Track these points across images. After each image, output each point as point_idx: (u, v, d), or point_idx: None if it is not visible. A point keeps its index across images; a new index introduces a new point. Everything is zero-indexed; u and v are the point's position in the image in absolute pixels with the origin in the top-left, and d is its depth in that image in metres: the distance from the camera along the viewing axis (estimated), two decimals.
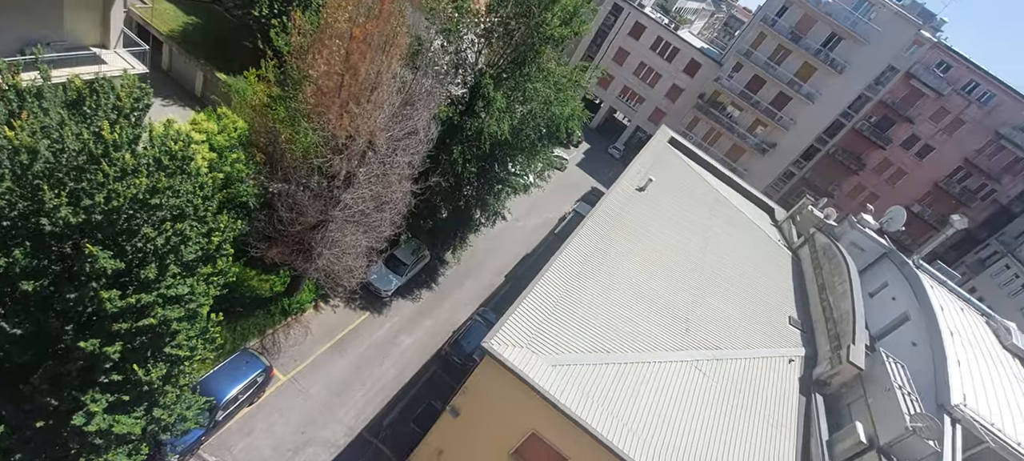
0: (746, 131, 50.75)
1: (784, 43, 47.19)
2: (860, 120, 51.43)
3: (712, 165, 33.69)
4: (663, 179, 26.95)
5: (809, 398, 18.71)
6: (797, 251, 28.38)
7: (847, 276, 23.12)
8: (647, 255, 21.29)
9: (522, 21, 20.30)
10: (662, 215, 24.57)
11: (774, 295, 23.76)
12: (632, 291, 19.00)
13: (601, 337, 16.43)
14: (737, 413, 16.71)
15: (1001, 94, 47.60)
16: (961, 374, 19.17)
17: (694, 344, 18.15)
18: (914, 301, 23.27)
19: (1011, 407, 19.16)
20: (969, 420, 17.81)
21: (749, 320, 20.86)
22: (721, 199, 29.71)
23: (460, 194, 23.21)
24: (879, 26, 44.03)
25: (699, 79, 51.74)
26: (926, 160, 51.03)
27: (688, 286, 20.83)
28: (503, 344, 14.12)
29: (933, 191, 51.29)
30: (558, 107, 22.43)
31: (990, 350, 21.97)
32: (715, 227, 26.60)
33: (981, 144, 49.02)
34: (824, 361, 20.11)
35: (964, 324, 22.53)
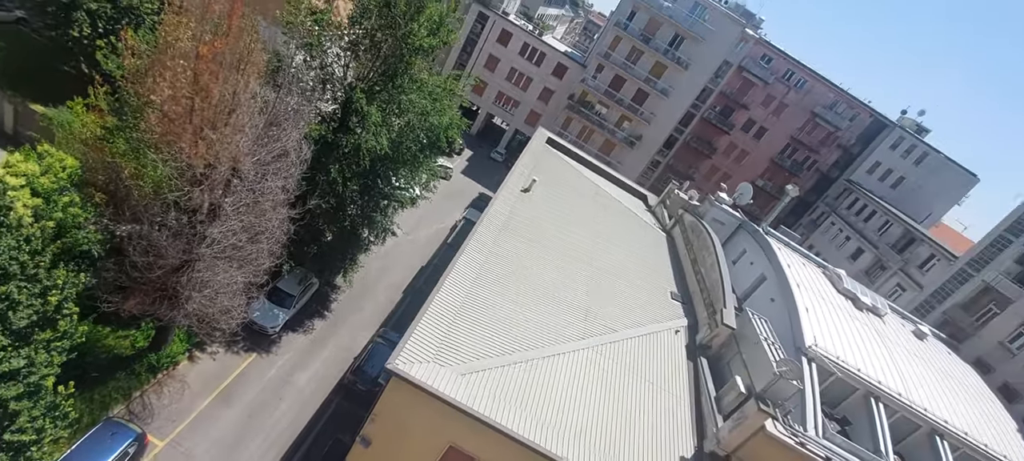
0: (614, 126, 54.96)
1: (637, 44, 52.00)
2: (707, 110, 58.39)
3: (589, 160, 36.03)
4: (546, 178, 28.24)
5: (695, 362, 20.79)
6: (670, 232, 31.37)
7: (713, 249, 26.09)
8: (540, 252, 22.17)
9: (388, 33, 20.09)
10: (549, 213, 25.74)
11: (656, 274, 26.03)
12: (530, 289, 19.65)
13: (506, 338, 16.77)
14: (637, 387, 18.04)
15: (812, 80, 56.98)
16: (810, 320, 22.57)
17: (593, 331, 19.25)
18: (767, 263, 26.92)
19: (850, 341, 22.94)
20: (820, 357, 21.04)
21: (637, 300, 22.62)
22: (600, 191, 31.89)
23: (344, 214, 22.25)
24: (712, 26, 50.41)
25: (567, 81, 55.01)
26: (762, 140, 59.36)
27: (581, 277, 22.05)
28: (409, 362, 13.82)
29: (771, 166, 59.81)
30: (436, 117, 22.52)
31: (828, 296, 26.10)
32: (598, 218, 28.48)
33: (802, 123, 58.23)
34: (704, 327, 22.47)
35: (807, 277, 26.52)
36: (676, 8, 50.37)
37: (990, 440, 22.07)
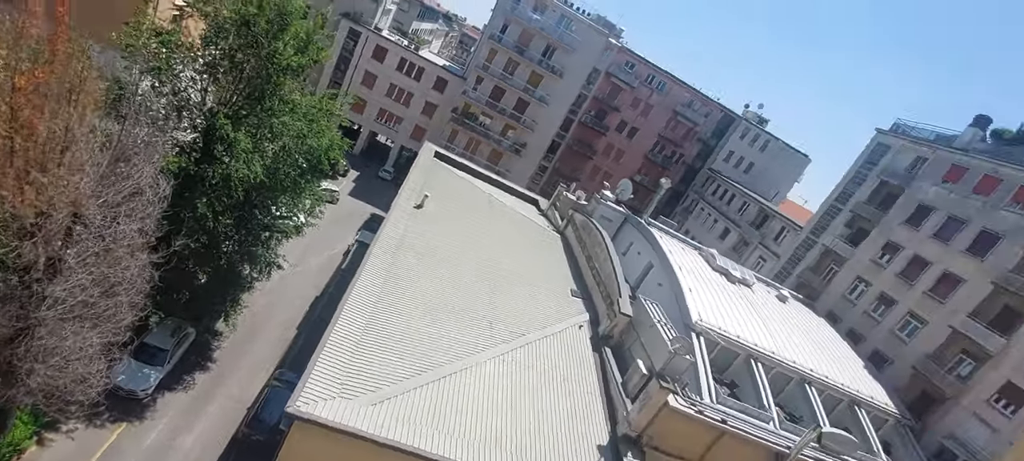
0: (500, 136, 56.37)
1: (513, 56, 54.00)
2: (584, 114, 62.18)
3: (479, 171, 36.56)
4: (438, 193, 28.15)
5: (600, 353, 21.92)
6: (563, 232, 32.82)
7: (604, 244, 27.78)
8: (439, 267, 22.00)
9: (250, 53, 18.79)
10: (444, 226, 25.67)
11: (555, 274, 27.06)
12: (433, 305, 19.42)
13: (414, 358, 16.38)
14: (550, 385, 18.58)
15: (670, 82, 63.16)
16: (693, 298, 24.87)
17: (500, 338, 19.49)
18: (652, 251, 29.24)
19: (728, 313, 25.63)
20: (706, 331, 23.25)
21: (540, 302, 23.34)
22: (493, 200, 32.49)
23: (219, 252, 20.24)
24: (579, 36, 53.96)
25: (449, 94, 55.40)
26: (635, 139, 64.51)
27: (483, 286, 22.24)
28: (311, 401, 12.94)
29: (645, 162, 65.13)
30: (314, 139, 21.43)
31: (706, 274, 28.97)
32: (493, 226, 28.97)
33: (666, 121, 64.21)
34: (604, 318, 23.78)
35: (687, 260, 29.22)
36: (545, 20, 53.18)
37: (846, 380, 25.93)
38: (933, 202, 33.68)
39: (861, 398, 25.36)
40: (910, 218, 34.52)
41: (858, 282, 35.86)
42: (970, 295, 29.13)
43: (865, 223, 37.49)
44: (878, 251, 35.45)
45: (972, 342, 27.87)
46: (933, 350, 29.46)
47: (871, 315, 33.86)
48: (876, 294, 34.14)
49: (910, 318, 31.60)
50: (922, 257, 32.51)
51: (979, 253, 29.77)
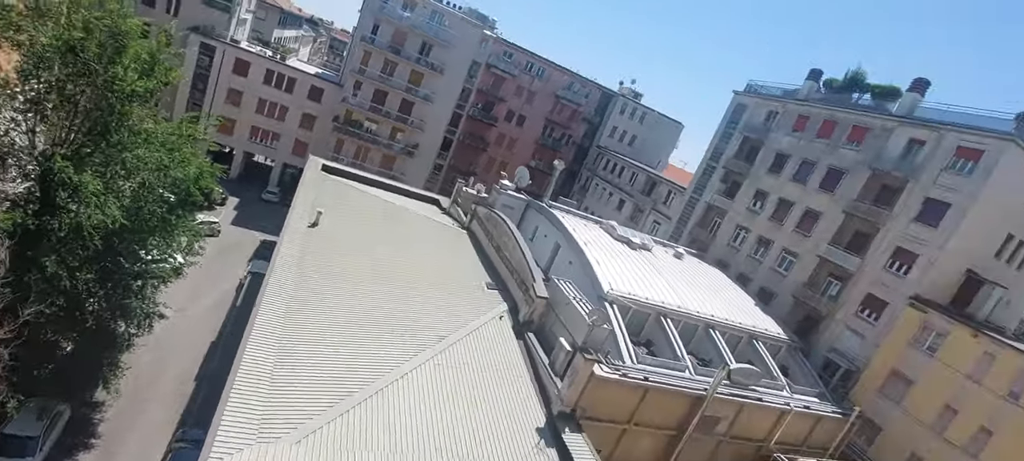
0: (389, 140, 54.86)
1: (389, 57, 52.69)
2: (471, 108, 62.47)
3: (373, 179, 35.36)
4: (332, 207, 26.82)
5: (524, 339, 22.32)
6: (469, 227, 32.83)
7: (511, 233, 28.24)
8: (346, 284, 21.02)
9: (83, 82, 16.53)
10: (345, 241, 24.55)
11: (467, 271, 27.03)
12: (347, 324, 18.54)
13: (335, 384, 15.54)
14: (481, 380, 18.60)
15: (549, 68, 65.42)
16: (602, 270, 26.15)
17: (422, 345, 19.11)
18: (558, 232, 30.25)
19: (634, 278, 27.27)
20: (618, 299, 24.58)
21: (457, 300, 23.21)
22: (393, 206, 31.63)
23: (83, 313, 17.62)
24: (454, 31, 53.98)
25: (327, 103, 52.80)
26: (524, 127, 66.11)
27: (396, 295, 21.62)
28: (226, 454, 11.79)
29: (537, 148, 67.05)
30: (179, 169, 19.41)
31: (609, 245, 30.55)
32: (397, 233, 28.23)
33: (551, 106, 66.51)
34: (523, 305, 24.23)
35: (590, 234, 30.60)
36: (416, 18, 52.49)
37: (742, 319, 28.81)
38: (788, 150, 38.33)
39: (757, 332, 28.36)
40: (772, 166, 39.01)
41: (739, 230, 39.90)
42: (828, 226, 33.67)
43: (737, 176, 41.73)
44: (751, 200, 39.69)
45: (836, 266, 32.28)
46: (807, 279, 33.70)
47: (753, 257, 37.90)
48: (755, 238, 38.25)
49: (785, 254, 35.84)
50: (786, 199, 36.94)
51: (829, 188, 34.45)
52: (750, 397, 23.45)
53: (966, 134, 28.70)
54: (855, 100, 36.74)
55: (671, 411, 21.90)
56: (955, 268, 28.74)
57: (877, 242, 30.84)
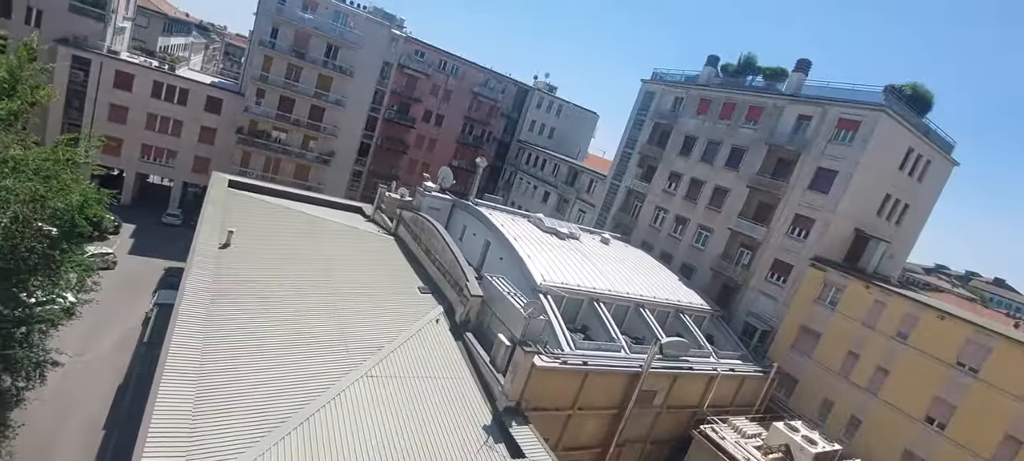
0: (301, 149, 52.32)
1: (292, 61, 50.19)
2: (386, 110, 61.02)
3: (287, 191, 33.62)
4: (245, 225, 25.26)
5: (463, 340, 22.24)
6: (396, 233, 32.13)
7: (439, 235, 27.97)
8: (269, 304, 19.90)
9: None
10: (262, 260, 23.20)
11: (398, 277, 26.46)
12: (275, 346, 17.56)
13: (268, 410, 14.70)
14: (423, 386, 18.32)
15: (463, 66, 65.31)
16: (533, 263, 26.61)
17: (358, 358, 18.52)
18: (486, 230, 30.37)
19: (565, 267, 27.98)
20: (551, 288, 25.13)
21: (390, 308, 22.67)
22: (313, 219, 30.25)
23: None
24: (360, 31, 52.42)
25: (228, 114, 49.45)
26: (443, 126, 65.61)
27: (325, 310, 20.77)
28: None
29: (458, 146, 66.81)
30: (58, 199, 17.40)
31: (538, 238, 31.12)
32: (320, 245, 27.07)
33: (468, 103, 66.49)
34: (458, 306, 24.11)
35: (519, 229, 31.00)
36: (318, 19, 50.42)
37: (668, 295, 30.45)
38: (695, 132, 40.92)
39: (682, 306, 30.10)
40: (682, 149, 41.47)
41: (658, 211, 42.08)
42: (736, 201, 36.35)
43: (652, 161, 43.96)
44: (666, 182, 41.98)
45: (746, 237, 34.95)
46: (722, 251, 36.22)
47: (673, 236, 40.14)
48: (673, 218, 40.53)
49: (701, 230, 38.28)
50: (698, 179, 39.45)
51: (734, 166, 37.20)
52: (682, 367, 24.87)
53: (845, 107, 32.06)
54: (749, 82, 39.90)
55: (611, 391, 22.75)
56: (846, 228, 32.09)
57: (779, 212, 33.74)
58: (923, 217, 36.89)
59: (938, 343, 25.81)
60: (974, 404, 24.33)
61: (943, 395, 25.35)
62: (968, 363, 24.91)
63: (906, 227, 35.72)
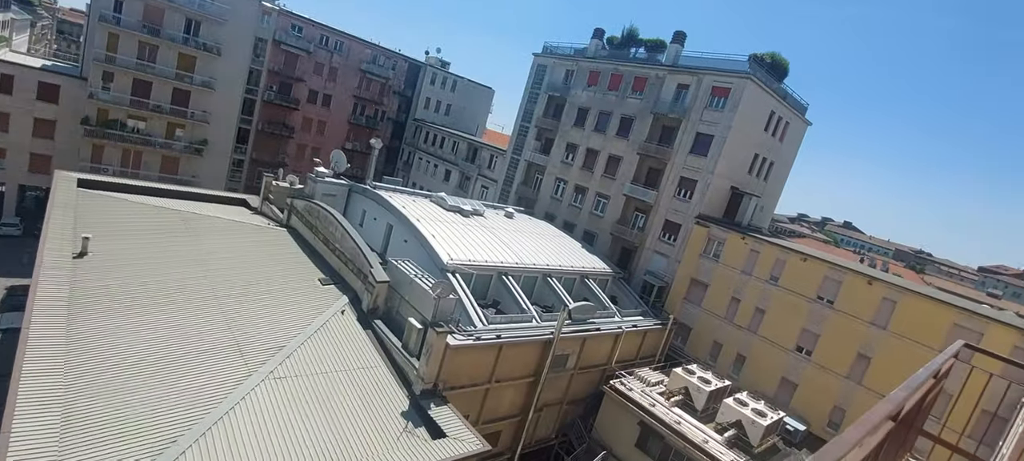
0: (166, 139, 46.95)
1: (144, 39, 44.53)
2: (265, 92, 56.46)
3: (154, 188, 30.21)
4: (103, 230, 22.43)
5: (372, 328, 21.65)
6: (289, 224, 30.23)
7: (337, 222, 26.77)
8: (144, 315, 17.92)
9: None
10: (131, 266, 20.76)
11: (295, 271, 25.00)
12: (156, 360, 15.91)
13: (155, 433, 13.36)
14: (333, 383, 17.63)
15: (348, 41, 62.01)
16: (438, 242, 26.42)
17: (258, 360, 17.37)
18: (387, 213, 29.56)
19: (471, 244, 28.10)
20: (458, 267, 25.16)
21: (290, 304, 21.43)
22: (188, 216, 27.49)
23: None
24: (225, 3, 47.75)
25: (69, 102, 42.95)
26: (332, 107, 62.15)
27: (214, 314, 19.14)
28: None
29: (351, 128, 63.77)
30: None
31: (442, 217, 30.91)
32: (200, 245, 24.73)
33: (357, 81, 63.47)
34: (364, 294, 23.35)
35: (421, 209, 30.54)
36: None
37: (573, 262, 31.76)
38: (587, 103, 42.56)
39: (587, 271, 31.59)
40: (576, 121, 43.01)
41: (558, 182, 43.48)
42: (628, 168, 38.55)
43: (549, 133, 45.14)
44: (563, 153, 43.40)
45: (639, 201, 37.28)
46: (619, 216, 38.37)
47: (574, 205, 41.78)
48: (573, 188, 42.11)
49: (598, 197, 40.20)
50: (593, 149, 41.23)
51: (625, 135, 39.32)
52: (590, 330, 26.23)
53: (717, 75, 35.01)
54: (633, 54, 42.11)
55: (526, 360, 23.47)
56: (723, 187, 35.37)
57: (666, 175, 36.34)
58: (786, 172, 41.67)
59: (802, 282, 29.55)
60: (832, 331, 28.29)
61: (808, 326, 29.17)
62: (826, 297, 28.84)
63: (772, 182, 40.15)
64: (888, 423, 2.19)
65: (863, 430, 1.83)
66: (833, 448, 1.68)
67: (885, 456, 2.87)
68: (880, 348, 26.78)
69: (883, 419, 2.10)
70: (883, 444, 2.38)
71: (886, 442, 2.44)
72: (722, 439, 23.47)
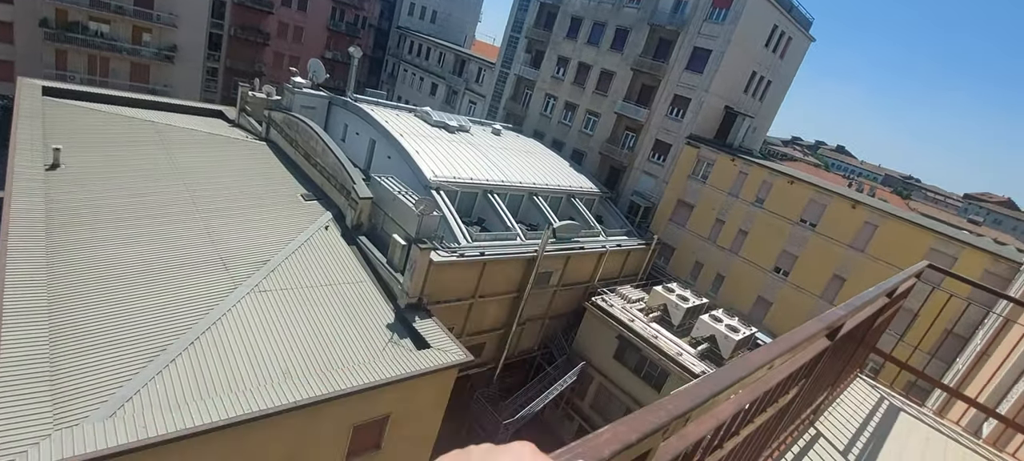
0: (132, 44, 44.66)
1: None
2: None
3: (126, 97, 29.11)
4: (74, 141, 21.85)
5: (356, 243, 21.87)
6: (268, 138, 29.59)
7: (317, 136, 26.22)
8: (127, 228, 17.88)
9: None
10: (106, 179, 20.43)
11: (276, 186, 24.79)
12: (140, 272, 16.08)
13: (144, 342, 13.75)
14: (319, 297, 18.04)
15: None
16: (422, 159, 26.16)
17: (243, 274, 17.62)
18: (370, 127, 28.96)
19: (456, 161, 27.85)
20: (442, 184, 25.10)
21: (273, 219, 21.44)
22: (162, 128, 26.73)
23: None
24: None
25: (25, 2, 40.33)
26: (309, 11, 58.98)
27: (197, 228, 19.15)
28: (8, 457, 9.99)
29: (330, 35, 60.93)
30: None
31: (427, 133, 30.39)
32: (178, 158, 24.26)
33: None
34: (347, 210, 23.37)
35: (405, 124, 29.95)
36: None
37: (560, 181, 31.78)
38: (580, 12, 40.80)
39: (573, 190, 31.71)
40: (569, 32, 41.40)
41: (548, 98, 42.56)
42: (621, 84, 37.69)
43: (539, 45, 43.58)
44: (554, 67, 42.15)
45: (630, 119, 36.79)
46: (609, 135, 37.98)
47: (564, 123, 41.17)
48: (562, 104, 41.30)
49: (588, 115, 39.58)
50: (585, 63, 40.03)
51: (619, 48, 38.08)
52: (574, 248, 26.73)
53: None
54: None
55: (510, 277, 24.04)
56: (717, 106, 34.90)
57: (659, 93, 35.66)
58: (783, 92, 41.04)
59: (787, 204, 29.99)
60: (811, 253, 29.12)
61: (789, 248, 29.96)
62: (809, 220, 29.41)
63: (768, 103, 39.64)
64: (824, 340, 2.33)
65: (794, 340, 1.95)
66: (761, 353, 1.79)
67: (826, 369, 3.07)
68: (855, 270, 27.73)
69: (819, 332, 2.22)
70: (820, 358, 2.54)
71: (824, 356, 2.60)
72: (695, 352, 24.72)
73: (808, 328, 2.06)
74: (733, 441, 1.83)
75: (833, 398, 4.06)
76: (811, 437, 3.49)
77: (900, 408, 4.52)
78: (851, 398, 4.33)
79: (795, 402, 2.50)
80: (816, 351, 2.26)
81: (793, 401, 2.41)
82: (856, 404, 4.26)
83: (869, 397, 4.55)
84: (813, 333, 2.06)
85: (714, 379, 1.54)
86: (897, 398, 4.71)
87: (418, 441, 18.06)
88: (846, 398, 4.30)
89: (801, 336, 1.96)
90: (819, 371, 2.68)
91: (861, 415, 4.09)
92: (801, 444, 3.39)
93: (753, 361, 1.63)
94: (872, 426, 3.97)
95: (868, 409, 4.23)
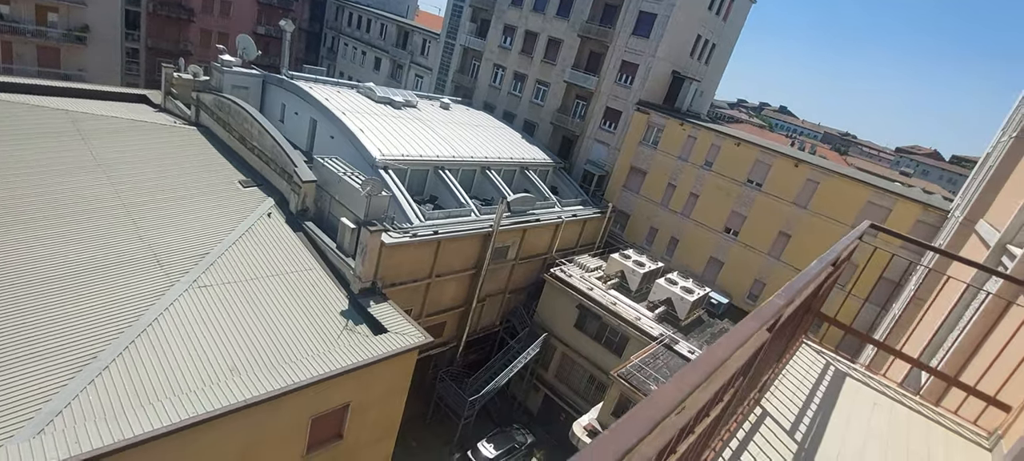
0: (37, 25, 40.93)
1: None
2: None
3: (33, 85, 26.72)
4: None
5: (302, 230, 21.07)
6: (199, 122, 27.89)
7: (252, 118, 24.88)
8: (40, 228, 16.54)
9: None
10: (11, 176, 18.78)
11: (211, 173, 23.48)
12: (64, 276, 14.96)
13: (70, 351, 12.85)
14: (266, 287, 17.33)
15: None
16: (367, 137, 25.31)
17: (180, 270, 16.69)
18: (309, 106, 27.73)
19: (404, 138, 27.12)
20: (390, 162, 24.41)
21: (209, 209, 20.33)
22: (78, 117, 24.71)
23: None
24: None
25: None
26: None
27: (123, 224, 17.94)
28: None
29: (261, 8, 57.66)
30: None
31: (371, 110, 29.38)
32: (97, 149, 22.53)
33: None
34: (291, 195, 22.42)
35: (347, 102, 28.83)
36: None
37: (513, 153, 31.52)
38: None
39: (526, 162, 31.56)
40: None
41: (496, 69, 41.86)
42: (569, 51, 37.41)
43: (484, 14, 42.59)
44: (501, 36, 41.37)
45: (579, 88, 36.69)
46: (560, 104, 37.83)
47: (513, 94, 40.68)
48: (511, 75, 40.74)
49: (538, 85, 39.23)
50: (532, 31, 39.45)
51: (565, 14, 37.65)
52: (530, 221, 26.70)
53: None
54: None
55: (466, 254, 23.83)
56: (664, 71, 35.22)
57: (607, 60, 35.64)
58: (727, 54, 41.80)
59: (734, 166, 30.84)
60: (758, 212, 30.17)
61: (737, 209, 30.93)
62: (755, 180, 30.37)
63: (714, 66, 40.31)
64: (764, 333, 2.25)
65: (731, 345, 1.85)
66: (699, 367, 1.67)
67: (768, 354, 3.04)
68: (799, 226, 28.95)
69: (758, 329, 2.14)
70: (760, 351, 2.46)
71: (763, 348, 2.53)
72: (653, 315, 25.37)
73: (745, 328, 1.96)
74: (672, 458, 1.72)
75: (778, 372, 4.11)
76: (758, 416, 3.51)
77: (846, 373, 4.64)
78: (797, 368, 4.40)
79: (738, 393, 2.44)
80: (755, 347, 2.17)
81: (736, 394, 2.35)
82: (802, 374, 4.33)
83: (815, 364, 4.64)
84: (752, 332, 1.97)
85: (653, 403, 1.40)
86: (842, 362, 4.84)
87: (382, 426, 17.87)
88: (792, 369, 4.36)
89: (738, 339, 1.86)
90: (762, 358, 2.62)
91: (807, 386, 4.16)
92: (747, 426, 3.39)
93: (689, 380, 1.50)
94: (819, 396, 4.04)
95: (814, 378, 4.31)
